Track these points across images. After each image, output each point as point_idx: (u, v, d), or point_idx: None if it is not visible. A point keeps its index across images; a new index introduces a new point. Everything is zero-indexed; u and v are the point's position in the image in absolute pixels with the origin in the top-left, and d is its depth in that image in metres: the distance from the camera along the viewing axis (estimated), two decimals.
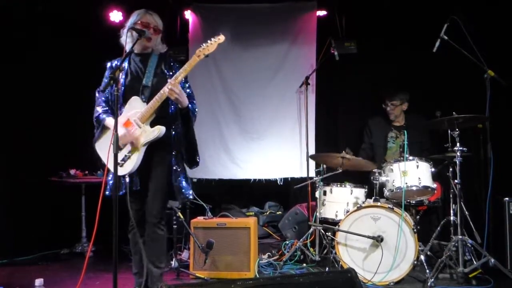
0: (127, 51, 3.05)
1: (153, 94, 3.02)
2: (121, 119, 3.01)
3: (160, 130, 2.99)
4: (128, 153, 3.01)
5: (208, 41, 2.99)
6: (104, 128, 3.13)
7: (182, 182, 3.16)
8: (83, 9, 5.00)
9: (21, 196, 4.71)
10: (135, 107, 3.04)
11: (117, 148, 2.68)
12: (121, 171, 2.97)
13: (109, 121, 3.09)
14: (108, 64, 3.21)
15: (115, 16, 5.23)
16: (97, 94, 3.23)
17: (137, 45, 3.13)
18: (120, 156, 2.96)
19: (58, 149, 4.98)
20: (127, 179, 3.00)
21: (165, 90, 2.95)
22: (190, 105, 3.10)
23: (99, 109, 3.18)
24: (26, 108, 4.81)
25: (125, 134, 2.98)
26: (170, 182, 3.13)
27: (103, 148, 3.04)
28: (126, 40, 3.09)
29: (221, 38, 3.00)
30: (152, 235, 3.09)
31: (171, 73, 3.16)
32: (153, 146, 3.05)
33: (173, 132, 3.13)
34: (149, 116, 3.00)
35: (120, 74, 3.03)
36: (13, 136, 4.66)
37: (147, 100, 3.04)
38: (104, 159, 3.02)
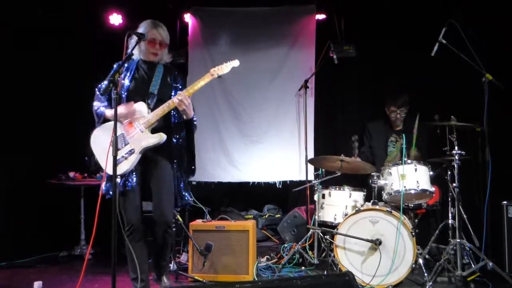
0: (127, 55, 3.05)
1: (158, 102, 3.13)
2: (124, 122, 3.10)
3: (161, 137, 3.07)
4: (125, 154, 3.06)
5: (224, 63, 3.19)
6: (104, 122, 3.17)
7: (182, 188, 3.25)
8: (83, 11, 5.02)
9: (20, 198, 4.71)
10: (140, 112, 3.10)
11: (116, 150, 2.70)
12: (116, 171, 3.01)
13: (108, 112, 3.13)
14: (115, 66, 3.20)
15: (115, 19, 5.27)
16: (97, 92, 3.24)
17: (144, 55, 3.21)
18: (118, 156, 2.95)
19: (58, 152, 4.98)
20: (118, 180, 3.00)
21: (174, 101, 3.05)
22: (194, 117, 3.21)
23: (98, 103, 3.21)
24: (25, 110, 4.82)
25: (128, 110, 3.05)
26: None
27: (100, 145, 3.07)
28: (125, 45, 3.08)
29: (236, 62, 3.23)
30: (164, 235, 3.17)
31: (175, 84, 3.27)
32: (155, 153, 3.13)
33: (174, 141, 3.21)
34: (153, 122, 3.08)
35: (124, 77, 3.14)
36: (12, 138, 4.67)
37: (152, 107, 3.13)
38: (98, 158, 3.11)
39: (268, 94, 5.33)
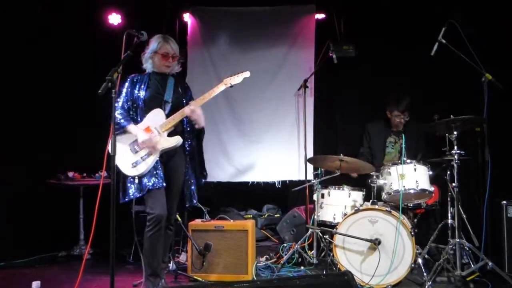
0: (125, 54, 3.06)
1: (172, 108, 3.36)
2: (142, 125, 3.31)
3: (178, 140, 3.32)
4: (144, 155, 3.25)
5: (236, 74, 3.49)
6: (124, 133, 3.33)
7: (192, 190, 3.49)
8: (82, 11, 5.02)
9: (19, 198, 4.70)
10: (157, 117, 3.33)
11: (115, 150, 2.71)
12: (133, 172, 3.23)
13: (130, 128, 3.30)
14: (129, 79, 3.43)
15: (114, 18, 5.25)
16: (116, 105, 3.30)
17: (158, 68, 3.43)
18: (136, 157, 3.25)
19: (57, 152, 4.97)
20: (136, 181, 3.22)
21: (186, 111, 3.30)
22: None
23: (118, 115, 3.32)
24: (24, 110, 4.81)
25: (150, 139, 3.23)
26: (182, 189, 3.47)
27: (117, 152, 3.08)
28: (146, 59, 3.43)
29: (247, 73, 3.52)
30: (164, 234, 3.35)
31: (185, 94, 3.51)
32: (169, 155, 3.33)
33: (186, 144, 3.45)
34: (169, 127, 3.32)
35: (138, 88, 3.36)
36: (11, 138, 4.66)
37: (167, 113, 3.35)
38: (117, 164, 3.16)
39: (267, 94, 5.33)
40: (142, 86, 3.39)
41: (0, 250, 4.46)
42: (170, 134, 3.34)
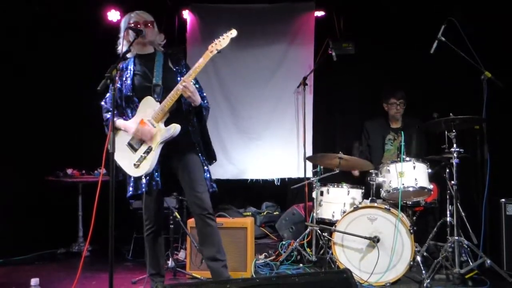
0: (124, 50, 3.03)
1: (165, 92, 3.00)
2: (136, 119, 3.04)
3: (175, 128, 2.97)
4: (143, 153, 3.00)
5: (220, 36, 3.00)
6: (116, 130, 3.04)
7: (207, 175, 3.18)
8: (81, 8, 5.00)
9: (18, 195, 4.70)
10: (149, 107, 3.02)
11: (114, 147, 2.67)
12: (138, 172, 3.00)
13: (119, 122, 3.05)
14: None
15: (113, 15, 5.24)
16: (102, 103, 3.19)
17: (136, 46, 3.12)
18: (137, 156, 3.00)
19: (55, 149, 4.97)
20: (144, 180, 3.02)
21: (179, 88, 2.92)
22: (202, 101, 3.07)
23: (107, 115, 3.14)
24: (23, 107, 4.80)
25: (138, 130, 2.98)
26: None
27: (117, 153, 2.93)
28: (122, 42, 3.08)
29: (233, 32, 3.01)
30: (207, 228, 3.09)
31: (178, 68, 3.15)
32: (176, 144, 3.04)
33: (191, 128, 3.12)
34: (163, 115, 2.98)
35: (124, 78, 3.07)
36: (9, 135, 4.65)
37: (160, 99, 3.02)
38: (118, 162, 3.02)
39: (266, 91, 5.32)
40: (128, 74, 3.07)
41: None
42: (169, 121, 3.00)
